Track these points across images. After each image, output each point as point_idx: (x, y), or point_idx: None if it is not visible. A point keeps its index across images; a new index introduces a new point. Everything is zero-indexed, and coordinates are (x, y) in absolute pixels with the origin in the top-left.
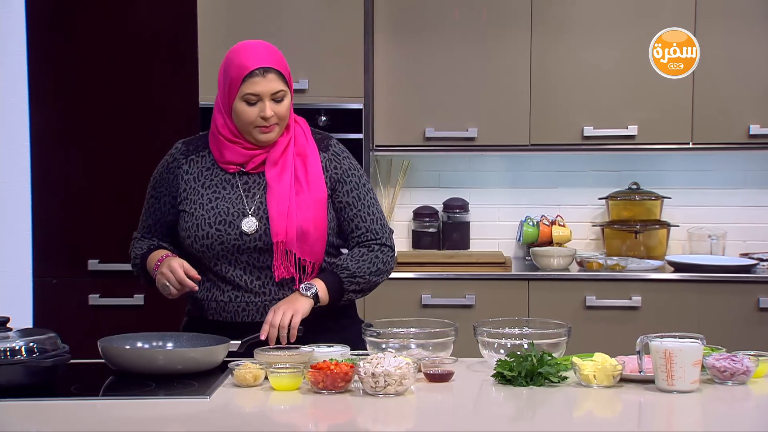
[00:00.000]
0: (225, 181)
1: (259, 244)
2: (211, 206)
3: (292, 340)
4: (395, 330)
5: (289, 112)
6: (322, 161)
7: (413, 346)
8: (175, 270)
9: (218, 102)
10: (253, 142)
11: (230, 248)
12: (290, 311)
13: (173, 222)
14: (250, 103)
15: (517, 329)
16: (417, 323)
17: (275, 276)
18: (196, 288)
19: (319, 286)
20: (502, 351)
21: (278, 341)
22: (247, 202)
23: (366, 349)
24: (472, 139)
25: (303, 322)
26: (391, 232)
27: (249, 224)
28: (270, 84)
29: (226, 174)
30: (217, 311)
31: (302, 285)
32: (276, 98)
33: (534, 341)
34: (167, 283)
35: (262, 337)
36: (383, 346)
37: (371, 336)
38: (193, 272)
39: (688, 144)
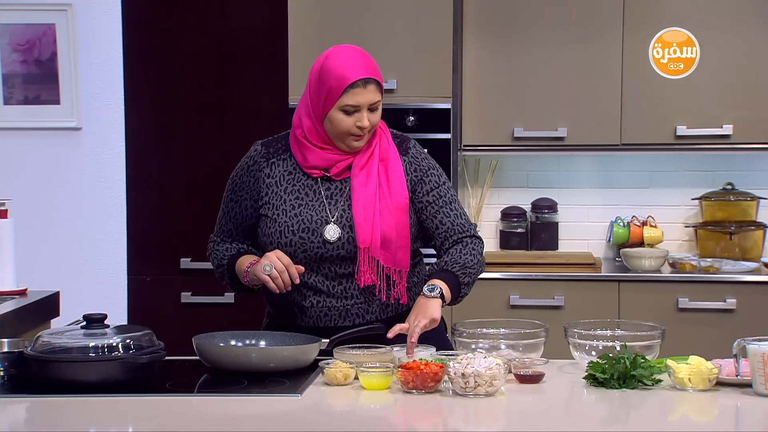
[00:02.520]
0: (308, 186)
1: (342, 252)
2: (294, 213)
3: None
4: (485, 330)
5: (379, 119)
6: (402, 164)
7: (503, 346)
8: (281, 256)
9: (308, 106)
10: (343, 149)
11: (313, 256)
12: (428, 323)
13: (254, 225)
14: (347, 113)
15: (608, 331)
16: (507, 324)
17: (359, 283)
18: (297, 278)
19: (441, 285)
20: (593, 353)
21: (358, 341)
22: (329, 209)
23: (449, 346)
24: (561, 138)
25: (383, 320)
26: (476, 226)
27: (332, 232)
28: (369, 95)
29: (309, 179)
30: (299, 316)
31: (425, 287)
32: (372, 108)
33: (627, 343)
34: (271, 264)
35: (390, 336)
36: (473, 346)
37: (461, 336)
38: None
39: None
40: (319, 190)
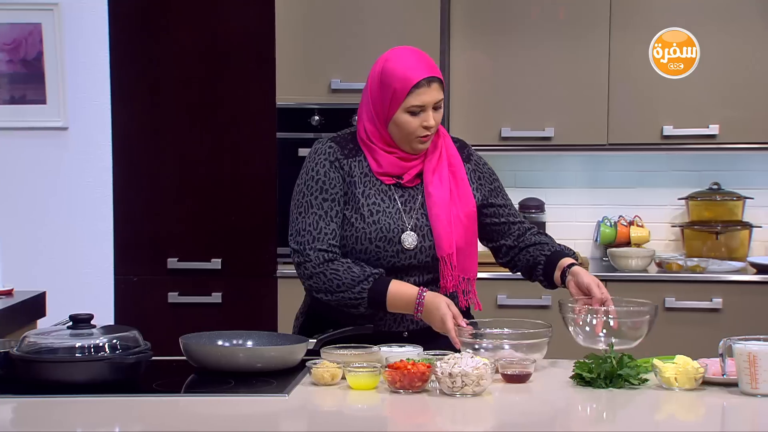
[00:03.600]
0: (383, 192)
1: (413, 261)
2: (372, 220)
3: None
4: (488, 330)
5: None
6: (467, 172)
7: (507, 347)
8: (449, 327)
9: (369, 111)
10: (409, 152)
11: (384, 265)
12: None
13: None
14: (413, 114)
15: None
16: (510, 324)
17: (442, 290)
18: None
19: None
20: (587, 329)
21: (351, 340)
22: (405, 217)
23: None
24: (548, 138)
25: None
26: None
27: (409, 240)
28: (434, 93)
29: (383, 185)
30: (351, 319)
31: (568, 265)
32: (436, 106)
33: (620, 319)
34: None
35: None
36: (476, 346)
37: (463, 336)
38: (460, 321)
39: None
40: (394, 197)
